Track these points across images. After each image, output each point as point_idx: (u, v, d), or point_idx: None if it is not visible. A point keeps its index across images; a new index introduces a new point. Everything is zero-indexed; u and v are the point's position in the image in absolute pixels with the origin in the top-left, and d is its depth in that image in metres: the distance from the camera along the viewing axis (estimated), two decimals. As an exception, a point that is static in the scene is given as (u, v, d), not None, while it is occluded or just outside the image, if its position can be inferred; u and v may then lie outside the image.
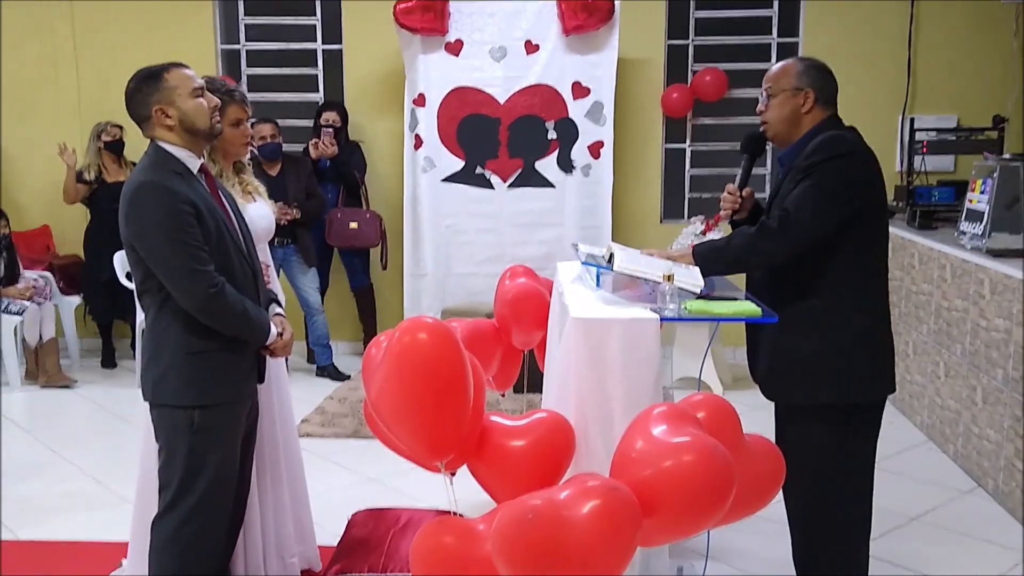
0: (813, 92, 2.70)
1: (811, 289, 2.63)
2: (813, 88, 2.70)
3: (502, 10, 5.96)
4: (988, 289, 4.07)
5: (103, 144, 6.07)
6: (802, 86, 2.70)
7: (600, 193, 6.04)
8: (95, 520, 3.90)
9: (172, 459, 2.58)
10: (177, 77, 2.54)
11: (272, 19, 6.63)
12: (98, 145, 6.08)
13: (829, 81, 2.73)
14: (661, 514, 2.16)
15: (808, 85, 2.70)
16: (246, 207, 3.01)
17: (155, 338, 2.57)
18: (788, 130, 2.75)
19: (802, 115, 2.71)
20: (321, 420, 5.17)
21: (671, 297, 2.81)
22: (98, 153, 6.09)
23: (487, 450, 2.61)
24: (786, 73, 2.73)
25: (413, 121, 6.07)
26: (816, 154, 2.58)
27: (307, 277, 5.87)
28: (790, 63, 2.76)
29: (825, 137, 2.62)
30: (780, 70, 2.76)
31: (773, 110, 2.75)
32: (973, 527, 3.80)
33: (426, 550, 2.28)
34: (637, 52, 6.23)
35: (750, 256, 2.69)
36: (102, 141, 6.07)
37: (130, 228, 2.49)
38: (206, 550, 2.62)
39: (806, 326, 2.64)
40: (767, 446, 2.66)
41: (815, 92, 2.70)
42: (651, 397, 2.68)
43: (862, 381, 2.65)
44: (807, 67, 2.73)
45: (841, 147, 2.59)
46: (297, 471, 3.30)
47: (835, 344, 2.62)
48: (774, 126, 2.76)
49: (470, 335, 3.56)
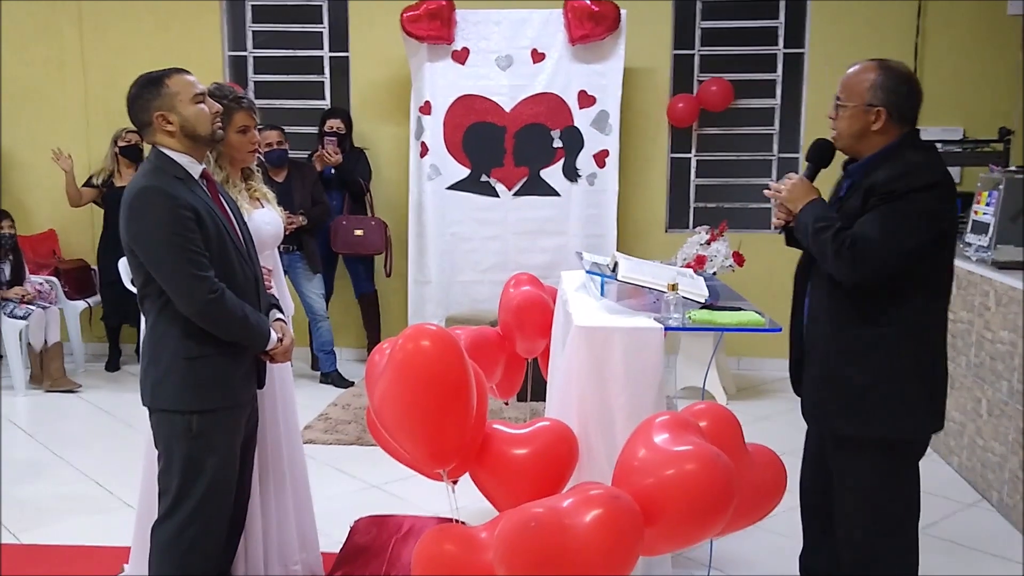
0: (886, 111, 2.51)
1: (872, 318, 2.51)
2: (887, 106, 2.50)
3: (508, 19, 5.97)
4: (993, 301, 4.06)
5: (119, 149, 6.09)
6: (875, 103, 2.51)
7: (605, 202, 6.04)
8: (97, 524, 3.90)
9: (171, 464, 2.58)
10: (178, 83, 2.55)
11: (279, 26, 6.65)
12: (114, 151, 6.11)
13: (909, 96, 2.53)
14: (663, 523, 2.16)
15: (882, 103, 2.50)
16: (252, 213, 3.00)
17: (154, 343, 2.58)
18: (858, 145, 2.58)
19: (872, 133, 2.53)
20: (324, 427, 5.16)
21: (675, 307, 2.82)
22: (114, 158, 6.13)
23: (489, 458, 2.61)
24: (860, 85, 2.53)
25: (419, 129, 6.08)
26: (899, 181, 2.41)
27: (312, 283, 5.88)
28: (868, 72, 2.55)
29: (910, 165, 2.45)
30: (855, 79, 2.55)
31: (843, 122, 2.57)
32: (977, 540, 3.78)
33: (428, 558, 2.28)
34: (643, 61, 6.24)
35: (823, 263, 2.54)
36: (118, 146, 6.10)
37: (130, 232, 2.49)
38: (205, 555, 2.62)
39: (863, 355, 2.52)
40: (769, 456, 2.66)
41: (889, 110, 2.51)
42: (654, 406, 2.68)
43: (915, 417, 2.55)
44: (885, 80, 2.52)
45: (926, 178, 2.42)
46: (301, 477, 3.29)
47: (891, 377, 2.51)
48: (843, 139, 2.60)
49: (474, 343, 3.56)
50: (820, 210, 2.57)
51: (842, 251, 2.43)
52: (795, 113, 6.38)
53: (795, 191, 2.63)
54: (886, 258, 2.42)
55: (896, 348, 2.50)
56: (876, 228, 2.41)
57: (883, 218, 2.41)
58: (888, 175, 2.44)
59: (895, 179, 2.42)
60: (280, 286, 3.28)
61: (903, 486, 2.61)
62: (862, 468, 2.58)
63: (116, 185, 6.07)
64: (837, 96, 2.59)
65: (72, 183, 6.08)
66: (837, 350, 2.56)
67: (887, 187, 2.43)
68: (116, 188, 6.05)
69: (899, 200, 2.40)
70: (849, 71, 2.60)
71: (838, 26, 6.12)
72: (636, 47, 6.06)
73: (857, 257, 2.41)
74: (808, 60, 6.27)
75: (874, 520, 2.59)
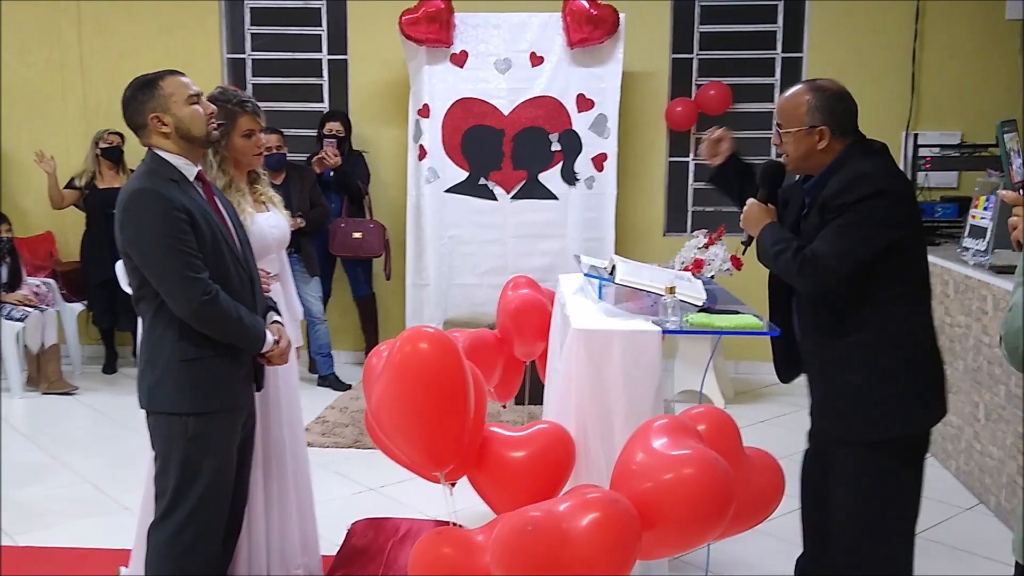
0: (828, 128, 2.56)
1: (853, 324, 2.56)
2: (828, 124, 2.56)
3: (507, 22, 5.98)
4: (991, 305, 4.06)
5: (100, 151, 6.08)
6: (815, 124, 2.57)
7: (603, 205, 6.04)
8: (94, 526, 3.89)
9: (167, 466, 2.57)
10: (173, 84, 2.55)
11: (278, 29, 6.65)
12: (96, 152, 6.10)
13: (845, 110, 2.59)
14: (661, 527, 2.16)
15: (822, 122, 2.56)
16: (255, 217, 3.00)
17: (150, 345, 2.57)
18: (807, 164, 2.64)
19: (818, 152, 2.59)
20: (322, 430, 5.16)
21: (673, 310, 2.82)
22: (95, 160, 6.11)
23: (487, 461, 2.61)
24: (796, 110, 2.59)
25: (417, 132, 6.08)
26: (845, 194, 2.47)
27: (310, 286, 5.87)
28: (800, 96, 2.60)
29: (855, 175, 2.50)
30: (790, 105, 2.62)
31: (789, 146, 2.63)
32: (975, 544, 3.78)
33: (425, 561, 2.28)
34: (642, 65, 6.24)
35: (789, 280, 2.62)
36: (99, 148, 6.09)
37: (125, 235, 2.49)
38: (202, 557, 2.61)
39: (851, 361, 2.57)
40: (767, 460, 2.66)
41: (831, 127, 2.57)
42: (652, 409, 2.68)
43: (910, 414, 2.58)
44: (819, 101, 2.57)
45: (872, 186, 2.46)
46: (304, 481, 3.29)
47: (881, 378, 2.55)
48: (793, 162, 2.67)
49: (472, 346, 3.56)
50: (776, 233, 2.66)
51: (804, 268, 2.51)
52: (793, 117, 6.37)
53: (750, 216, 2.74)
54: (842, 268, 2.48)
55: (880, 351, 2.55)
56: (829, 241, 2.48)
57: (836, 230, 2.48)
58: (836, 188, 2.51)
59: (842, 191, 2.49)
60: (289, 290, 3.27)
61: (902, 487, 2.62)
62: (861, 470, 2.59)
63: (99, 187, 6.06)
64: (777, 123, 2.66)
65: (55, 185, 6.07)
66: (827, 360, 2.62)
67: (836, 200, 2.49)
68: (99, 190, 6.05)
69: (849, 211, 2.47)
70: (782, 98, 2.68)
71: (837, 31, 6.14)
72: (635, 51, 6.07)
73: (817, 271, 2.49)
74: (807, 64, 6.28)
75: (870, 522, 2.60)
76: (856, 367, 2.56)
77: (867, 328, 2.55)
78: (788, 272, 2.57)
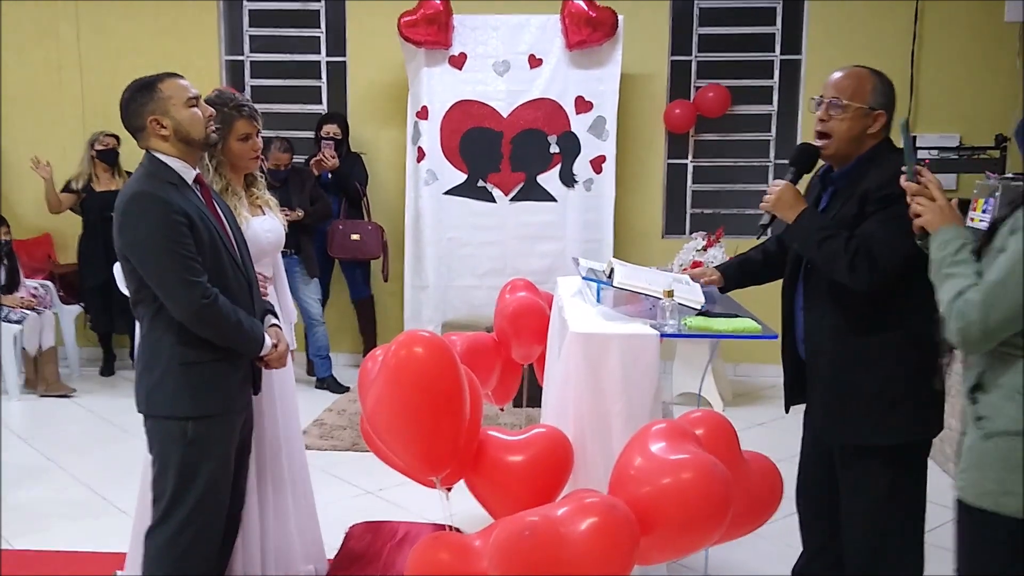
0: (886, 115, 2.49)
1: (877, 325, 2.48)
2: (887, 110, 2.48)
3: (506, 24, 5.97)
4: (990, 308, 4.05)
5: (95, 153, 6.07)
6: (877, 106, 2.48)
7: (602, 208, 6.04)
8: (91, 529, 3.88)
9: (165, 470, 2.56)
10: (171, 87, 2.54)
11: (276, 31, 6.64)
12: (91, 154, 6.09)
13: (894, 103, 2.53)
14: (659, 531, 2.15)
15: (883, 106, 2.48)
16: (250, 220, 2.99)
17: (149, 349, 2.57)
18: (850, 150, 2.53)
19: (867, 136, 2.50)
20: (319, 432, 5.15)
21: (671, 313, 2.81)
22: (91, 162, 6.10)
23: (484, 465, 2.60)
24: (862, 86, 2.48)
25: (416, 134, 6.08)
26: (894, 184, 2.32)
27: (309, 288, 5.87)
28: (866, 74, 2.51)
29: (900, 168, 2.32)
30: (855, 81, 2.49)
31: (840, 124, 2.49)
32: (973, 547, 3.77)
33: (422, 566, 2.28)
34: (640, 67, 6.24)
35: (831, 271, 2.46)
36: (95, 150, 6.08)
37: (123, 238, 2.48)
38: (199, 562, 2.60)
39: (870, 364, 2.49)
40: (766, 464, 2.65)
41: (888, 115, 2.49)
42: (650, 413, 2.67)
43: (925, 419, 2.54)
44: (884, 86, 2.49)
45: None
46: (303, 484, 3.27)
47: (899, 382, 2.49)
48: (838, 143, 2.52)
49: (469, 349, 3.55)
50: (820, 218, 2.53)
51: (856, 260, 2.38)
52: (792, 119, 6.39)
53: (785, 198, 2.56)
54: (896, 262, 2.38)
55: (902, 353, 2.48)
56: (882, 233, 2.38)
57: (886, 222, 2.38)
58: (882, 180, 2.42)
59: (889, 183, 2.38)
60: (283, 293, 3.26)
61: (911, 490, 2.59)
62: (871, 475, 2.55)
63: (96, 190, 6.05)
64: (833, 98, 2.51)
65: (52, 191, 6.06)
66: (843, 361, 2.52)
67: (882, 192, 2.40)
68: (95, 193, 6.04)
69: (896, 204, 2.36)
70: (842, 74, 2.53)
71: (835, 33, 6.13)
72: (633, 53, 6.06)
73: (871, 264, 2.38)
74: (805, 66, 6.28)
75: (882, 527, 2.57)
76: (876, 368, 2.48)
77: (891, 329, 2.47)
78: (834, 261, 2.42)
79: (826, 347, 2.56)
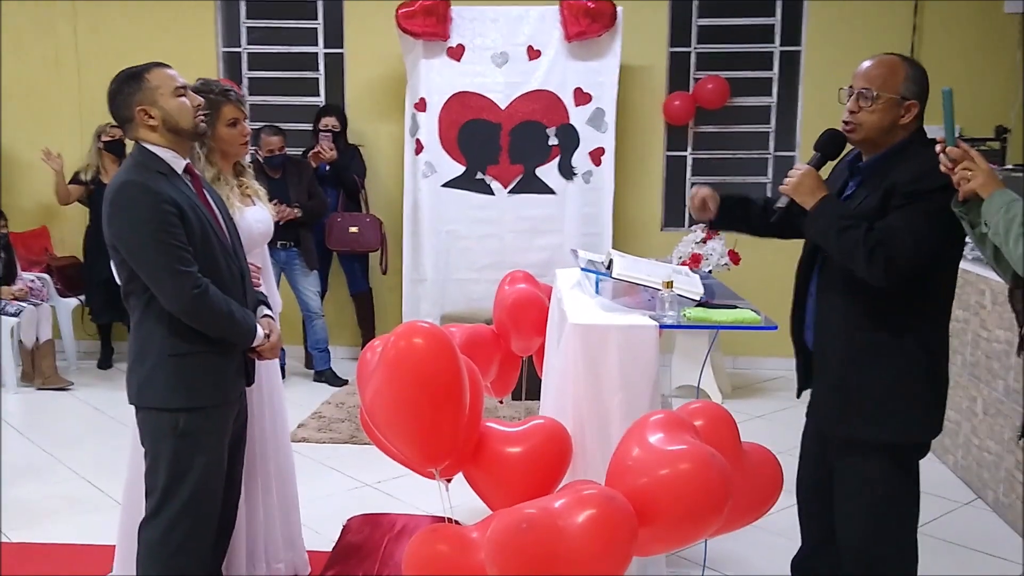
0: (919, 105, 2.43)
1: (888, 323, 2.43)
2: (920, 101, 2.43)
3: (504, 15, 5.95)
4: (989, 300, 4.04)
5: (103, 145, 6.07)
6: (910, 96, 2.42)
7: (601, 200, 6.02)
8: (89, 523, 3.87)
9: (157, 463, 2.55)
10: (159, 77, 2.52)
11: (274, 22, 6.62)
12: (98, 146, 6.09)
13: (927, 93, 2.45)
14: (657, 523, 2.14)
15: (916, 96, 2.42)
16: (243, 211, 2.98)
17: (140, 340, 2.55)
18: (880, 140, 2.47)
19: (898, 127, 2.44)
20: (318, 425, 5.14)
21: (670, 304, 2.80)
22: (98, 154, 6.11)
23: (483, 457, 2.59)
24: (894, 76, 2.42)
25: (414, 126, 6.06)
26: (922, 181, 2.32)
27: (308, 280, 5.86)
28: (898, 63, 2.45)
29: (929, 164, 2.31)
30: (887, 70, 2.44)
31: (871, 115, 2.44)
32: (973, 539, 3.77)
33: (419, 558, 2.26)
34: (639, 59, 6.22)
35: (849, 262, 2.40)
36: (102, 142, 6.07)
37: (112, 229, 2.46)
38: (194, 555, 2.59)
39: (878, 361, 2.45)
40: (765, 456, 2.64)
41: (920, 105, 2.43)
42: (649, 405, 2.66)
43: (927, 421, 2.51)
44: (916, 75, 2.43)
45: (943, 178, 2.29)
46: (288, 477, 3.27)
47: (906, 382, 2.45)
48: (867, 131, 2.46)
49: (469, 341, 3.54)
50: (842, 207, 2.47)
51: (875, 253, 2.32)
52: (791, 111, 6.37)
53: (806, 183, 2.49)
54: (918, 260, 2.33)
55: (912, 354, 2.44)
56: (906, 229, 2.32)
57: (911, 218, 2.32)
58: (911, 174, 2.36)
59: (918, 179, 2.34)
60: (268, 283, 3.25)
61: (907, 488, 2.57)
62: (870, 471, 2.53)
63: (103, 182, 6.05)
64: (863, 88, 2.45)
65: (62, 182, 6.08)
66: (852, 355, 2.48)
67: (910, 187, 2.34)
68: (103, 185, 6.03)
69: (922, 200, 2.33)
70: (872, 62, 2.48)
71: (835, 24, 6.11)
72: (632, 44, 6.04)
73: (891, 259, 2.31)
74: (804, 58, 6.26)
75: (878, 523, 2.55)
76: (884, 366, 2.45)
77: (903, 328, 2.43)
78: (854, 252, 2.35)
79: (835, 340, 2.52)
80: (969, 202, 2.24)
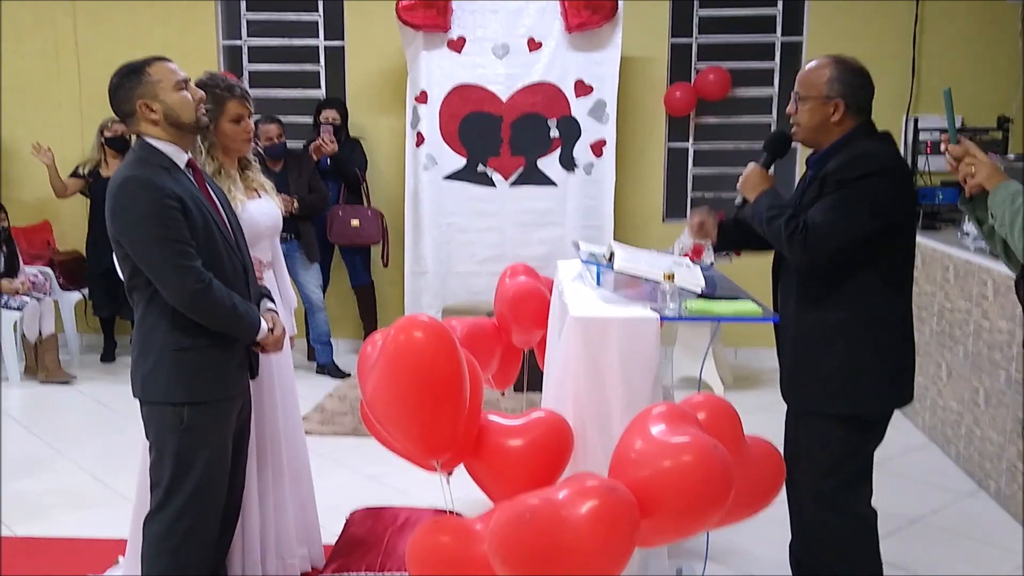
0: (844, 102, 2.60)
1: (833, 301, 2.61)
2: (844, 98, 2.60)
3: (505, 7, 5.93)
4: (991, 290, 4.04)
5: (105, 140, 6.07)
6: (833, 95, 2.61)
7: (602, 192, 6.02)
8: (92, 516, 3.88)
9: (162, 457, 2.56)
10: (160, 71, 2.52)
11: (274, 15, 6.61)
12: (100, 141, 6.09)
13: (863, 88, 2.63)
14: (660, 515, 2.14)
15: (839, 95, 2.60)
16: (247, 204, 2.97)
17: (143, 334, 2.55)
18: (817, 137, 2.68)
19: (832, 125, 2.63)
20: (320, 418, 5.15)
21: (672, 296, 2.80)
22: (101, 148, 6.10)
23: (484, 449, 2.59)
24: (818, 79, 2.63)
25: (415, 118, 6.05)
26: (846, 170, 2.52)
27: (310, 273, 5.86)
28: (823, 67, 2.64)
29: (857, 154, 2.55)
30: (812, 74, 2.65)
31: (803, 115, 2.66)
32: (975, 530, 3.77)
33: (422, 550, 2.27)
34: (640, 50, 6.20)
35: (778, 247, 2.68)
36: (104, 137, 6.07)
37: (115, 223, 2.46)
38: (198, 548, 2.60)
39: (826, 338, 2.62)
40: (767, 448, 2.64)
41: (846, 101, 2.60)
42: (650, 397, 2.66)
43: (879, 396, 2.65)
44: (840, 73, 2.61)
45: (874, 164, 2.51)
46: (302, 470, 3.27)
47: (855, 358, 2.60)
48: (804, 132, 2.69)
49: (470, 334, 3.54)
50: (772, 199, 2.66)
51: (794, 235, 2.53)
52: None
53: (749, 180, 2.73)
54: (830, 242, 2.51)
55: (855, 332, 2.60)
56: (825, 212, 2.51)
57: (832, 203, 2.52)
58: (839, 163, 2.55)
59: (845, 167, 2.53)
60: (282, 278, 3.25)
61: (858, 462, 2.70)
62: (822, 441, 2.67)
63: (102, 175, 6.04)
64: (796, 91, 2.68)
65: (55, 176, 6.07)
66: (802, 333, 2.67)
67: (838, 175, 2.53)
68: (103, 179, 6.03)
69: (848, 187, 2.51)
70: (807, 67, 2.69)
71: (836, 14, 6.10)
72: (633, 35, 6.03)
73: (807, 240, 2.51)
74: (806, 48, 6.24)
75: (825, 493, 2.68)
76: (829, 344, 2.61)
77: (846, 307, 2.60)
78: (777, 238, 2.59)
79: (788, 322, 2.72)
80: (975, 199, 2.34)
